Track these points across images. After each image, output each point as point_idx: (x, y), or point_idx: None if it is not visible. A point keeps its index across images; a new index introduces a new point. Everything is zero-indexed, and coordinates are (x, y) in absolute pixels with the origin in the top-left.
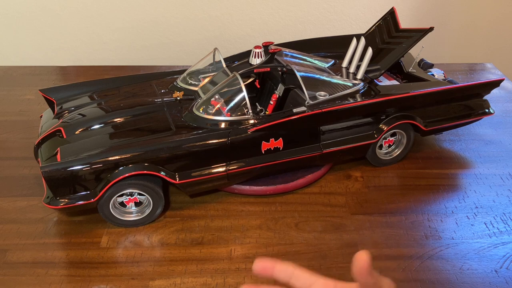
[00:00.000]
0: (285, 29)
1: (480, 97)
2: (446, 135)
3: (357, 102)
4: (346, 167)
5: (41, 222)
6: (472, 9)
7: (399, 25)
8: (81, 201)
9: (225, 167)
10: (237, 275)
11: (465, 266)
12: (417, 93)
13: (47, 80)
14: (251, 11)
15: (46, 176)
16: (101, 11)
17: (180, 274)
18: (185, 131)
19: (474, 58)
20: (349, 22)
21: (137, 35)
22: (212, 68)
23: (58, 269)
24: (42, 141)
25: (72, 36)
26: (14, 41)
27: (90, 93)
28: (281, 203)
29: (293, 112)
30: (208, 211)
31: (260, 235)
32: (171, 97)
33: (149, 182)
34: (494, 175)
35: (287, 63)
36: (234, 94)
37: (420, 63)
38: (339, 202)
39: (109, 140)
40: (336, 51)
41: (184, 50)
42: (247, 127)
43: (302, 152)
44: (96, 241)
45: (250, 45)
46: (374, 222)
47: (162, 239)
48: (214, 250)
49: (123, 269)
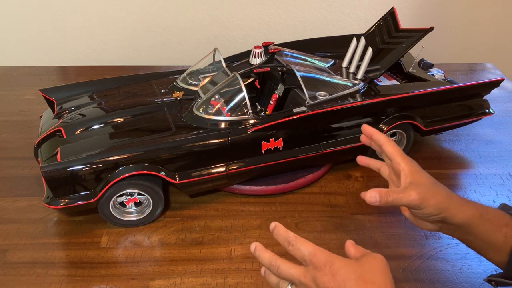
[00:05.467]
0: (285, 29)
1: (480, 97)
2: (446, 135)
3: (357, 102)
4: (346, 167)
5: (41, 222)
6: (472, 9)
7: (399, 25)
8: (81, 201)
9: (225, 167)
10: (237, 275)
11: (465, 266)
12: (417, 93)
13: (47, 80)
14: (251, 11)
15: (46, 176)
16: (101, 11)
17: (180, 274)
18: (185, 131)
19: (474, 58)
20: (349, 22)
21: (137, 35)
22: (212, 68)
23: (58, 269)
24: (42, 141)
25: (72, 36)
26: (14, 41)
27: (90, 93)
28: (281, 203)
29: (293, 112)
30: (208, 211)
31: (260, 235)
32: (171, 97)
33: (149, 182)
34: (494, 175)
35: (287, 63)
36: (234, 94)
37: (420, 63)
38: (339, 202)
39: (109, 140)
40: (336, 51)
41: (184, 50)
42: (247, 127)
43: (302, 152)
44: (96, 241)
45: (250, 45)
46: (374, 222)
47: (162, 239)
48: (214, 250)
49: (123, 269)
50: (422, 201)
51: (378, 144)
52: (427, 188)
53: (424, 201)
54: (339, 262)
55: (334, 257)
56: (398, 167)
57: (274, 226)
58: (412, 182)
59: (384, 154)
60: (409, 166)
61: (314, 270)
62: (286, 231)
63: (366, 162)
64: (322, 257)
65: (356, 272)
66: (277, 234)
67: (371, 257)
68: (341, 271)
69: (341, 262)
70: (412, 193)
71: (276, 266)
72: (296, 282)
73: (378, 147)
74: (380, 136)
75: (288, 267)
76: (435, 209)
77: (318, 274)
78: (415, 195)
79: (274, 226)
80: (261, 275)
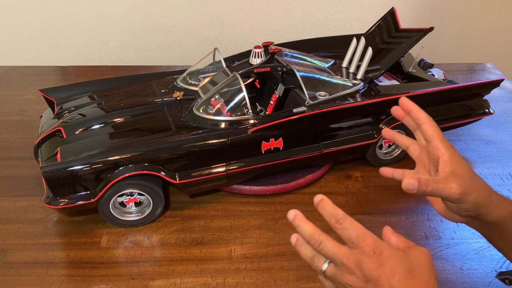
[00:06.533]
0: (285, 29)
1: (480, 97)
2: (446, 135)
3: (357, 102)
4: (346, 167)
5: (41, 222)
6: (472, 9)
7: (399, 25)
8: (81, 201)
9: (225, 167)
10: (237, 275)
11: (465, 266)
12: (417, 93)
13: (47, 80)
14: (251, 11)
15: (46, 176)
16: (101, 11)
17: (180, 274)
18: (185, 131)
19: (474, 58)
20: (349, 22)
21: (137, 35)
22: (212, 68)
23: (58, 269)
24: (42, 141)
25: (72, 36)
26: (14, 41)
27: (90, 93)
28: (281, 203)
29: (293, 112)
30: (208, 211)
31: (260, 235)
32: (171, 97)
33: (149, 182)
34: (494, 175)
35: (287, 63)
36: (234, 94)
37: (420, 63)
38: (339, 202)
39: (109, 140)
40: (336, 51)
41: (184, 50)
42: (247, 127)
43: (302, 152)
44: (96, 241)
45: (250, 45)
46: (374, 222)
47: (162, 239)
48: (214, 250)
49: (123, 269)
50: (463, 195)
51: (418, 122)
52: (468, 181)
53: (465, 195)
54: (389, 252)
55: (384, 245)
56: (436, 152)
57: (320, 199)
58: (453, 172)
59: (423, 134)
60: (449, 152)
61: (361, 254)
62: (334, 207)
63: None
64: (372, 243)
65: (405, 265)
66: (323, 208)
67: (419, 251)
68: (390, 261)
69: (390, 252)
70: (453, 185)
71: (318, 241)
72: (338, 262)
73: (414, 124)
74: (421, 114)
75: (332, 244)
76: (474, 205)
77: (365, 260)
78: (456, 188)
79: (320, 199)
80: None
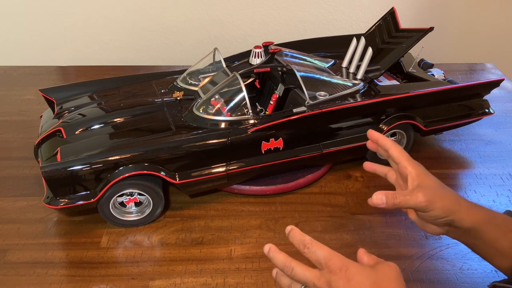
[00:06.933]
0: (285, 29)
1: (480, 97)
2: (446, 135)
3: (357, 102)
4: (346, 167)
5: (41, 222)
6: (472, 9)
7: (399, 25)
8: (81, 201)
9: (225, 167)
10: (237, 275)
11: (465, 266)
12: (417, 93)
13: (47, 80)
14: (251, 11)
15: (46, 176)
16: (101, 11)
17: (180, 274)
18: (185, 131)
19: (474, 58)
20: (349, 22)
21: (137, 35)
22: (212, 68)
23: (58, 269)
24: (42, 141)
25: (72, 36)
26: (14, 41)
27: (90, 93)
28: (281, 203)
29: (293, 112)
30: (208, 211)
31: (260, 235)
32: (171, 97)
33: (149, 182)
34: (494, 175)
35: (287, 63)
36: (234, 94)
37: (420, 63)
38: (339, 202)
39: (109, 140)
40: (336, 51)
41: (184, 50)
42: (247, 127)
43: (302, 152)
44: (96, 241)
45: (250, 45)
46: (374, 222)
47: (162, 239)
48: (214, 250)
49: (123, 269)
50: (429, 203)
51: (384, 148)
52: (434, 191)
53: (431, 203)
54: (355, 268)
55: (350, 262)
56: (404, 171)
57: (290, 229)
58: (419, 184)
59: (391, 158)
60: (415, 169)
61: (329, 273)
62: (302, 234)
63: (373, 168)
64: (338, 261)
65: (371, 278)
66: (293, 237)
67: (386, 265)
68: (357, 276)
69: (356, 267)
70: (419, 195)
71: (290, 268)
72: (310, 285)
73: (384, 151)
74: (386, 141)
75: (303, 269)
76: (442, 211)
77: (333, 278)
78: (422, 197)
79: (290, 229)
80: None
